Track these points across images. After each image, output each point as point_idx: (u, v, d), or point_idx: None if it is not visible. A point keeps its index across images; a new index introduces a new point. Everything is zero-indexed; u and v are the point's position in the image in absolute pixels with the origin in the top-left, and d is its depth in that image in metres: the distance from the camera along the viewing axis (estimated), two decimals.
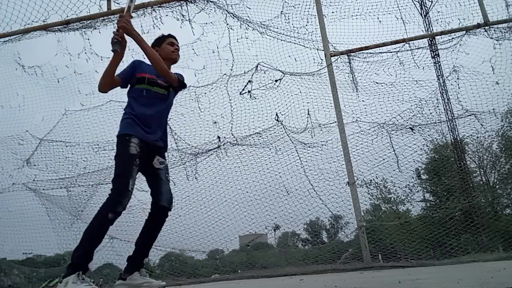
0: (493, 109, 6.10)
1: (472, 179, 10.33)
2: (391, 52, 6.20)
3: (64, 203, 6.27)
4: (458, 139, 9.23)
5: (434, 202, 11.14)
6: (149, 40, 3.24)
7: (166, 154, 2.95)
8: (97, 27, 5.68)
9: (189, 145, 6.16)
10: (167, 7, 5.65)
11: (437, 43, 6.97)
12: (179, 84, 2.93)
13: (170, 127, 6.16)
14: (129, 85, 2.91)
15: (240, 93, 6.07)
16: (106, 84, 2.76)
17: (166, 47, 3.08)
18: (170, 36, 3.19)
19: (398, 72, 6.21)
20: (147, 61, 2.90)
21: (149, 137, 2.72)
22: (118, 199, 2.48)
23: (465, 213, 8.14)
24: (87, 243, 2.48)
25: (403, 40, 6.13)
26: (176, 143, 6.14)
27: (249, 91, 6.06)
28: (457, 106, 6.47)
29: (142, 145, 2.65)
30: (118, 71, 2.84)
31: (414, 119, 6.25)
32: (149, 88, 2.83)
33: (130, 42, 2.80)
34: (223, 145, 6.09)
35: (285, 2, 6.13)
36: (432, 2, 8.01)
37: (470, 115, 6.27)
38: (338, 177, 5.73)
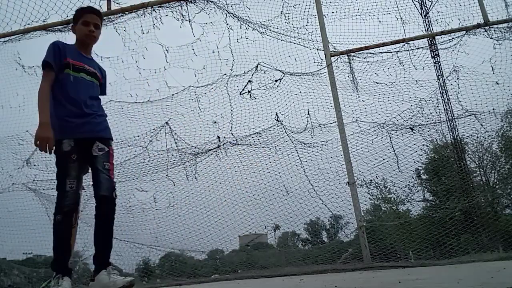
0: (493, 109, 6.10)
1: (472, 179, 10.33)
2: (391, 52, 6.20)
3: None
4: (458, 139, 9.24)
5: (434, 202, 11.14)
6: (149, 40, 3.22)
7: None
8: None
9: (189, 145, 6.16)
10: (167, 7, 5.65)
11: (437, 43, 6.97)
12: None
13: (170, 127, 6.16)
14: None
15: (240, 93, 6.07)
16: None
17: (80, 28, 2.72)
18: (87, 11, 2.74)
19: (398, 72, 6.22)
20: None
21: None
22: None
23: (465, 213, 8.14)
24: (54, 247, 2.53)
25: (403, 40, 6.13)
26: (176, 143, 6.14)
27: (249, 91, 6.06)
28: (457, 106, 6.47)
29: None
30: None
31: (414, 119, 6.25)
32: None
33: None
34: (223, 145, 6.08)
35: (285, 2, 6.13)
36: (432, 2, 8.01)
37: (470, 115, 6.27)
38: (338, 177, 5.73)
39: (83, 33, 2.71)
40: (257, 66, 6.05)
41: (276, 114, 6.06)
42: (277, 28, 6.16)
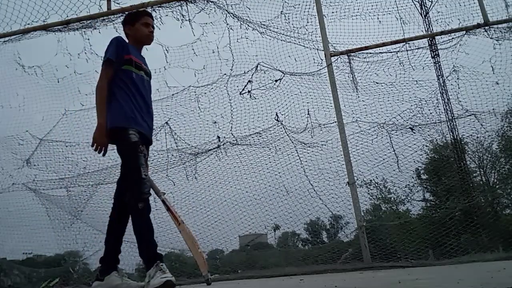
0: (493, 109, 6.09)
1: (472, 179, 10.33)
2: (391, 52, 6.20)
3: (64, 203, 6.27)
4: (458, 139, 9.23)
5: (434, 202, 11.14)
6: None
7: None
8: (97, 27, 5.68)
9: (189, 145, 6.16)
10: (167, 7, 5.65)
11: (437, 43, 6.97)
12: None
13: (170, 127, 6.16)
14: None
15: (240, 93, 6.07)
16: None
17: (140, 28, 2.77)
18: (145, 13, 2.85)
19: (398, 72, 6.21)
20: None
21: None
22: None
23: (465, 213, 8.15)
24: (143, 238, 2.44)
25: (403, 40, 6.12)
26: (176, 143, 6.15)
27: (249, 91, 6.06)
28: (457, 106, 6.47)
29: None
30: None
31: (414, 119, 6.25)
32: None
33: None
34: (223, 145, 6.08)
35: (285, 2, 6.13)
36: (432, 2, 8.01)
37: (470, 115, 6.27)
38: (338, 177, 5.73)
39: (144, 33, 2.76)
40: (257, 66, 6.05)
41: (276, 114, 6.06)
42: (277, 28, 6.16)
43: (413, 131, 6.17)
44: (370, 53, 6.17)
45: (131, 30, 2.80)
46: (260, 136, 6.11)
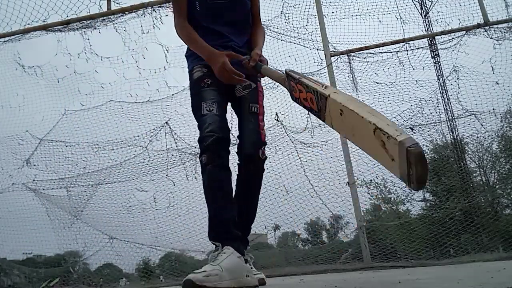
0: (493, 109, 6.10)
1: (472, 179, 10.33)
2: (391, 52, 6.21)
3: (64, 203, 6.28)
4: (458, 139, 9.24)
5: (434, 202, 11.15)
6: (149, 40, 3.21)
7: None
8: (97, 27, 5.69)
9: (189, 145, 6.16)
10: (167, 7, 5.65)
11: (437, 43, 6.99)
12: None
13: (170, 127, 6.17)
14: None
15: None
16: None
17: None
18: None
19: (398, 72, 6.23)
20: None
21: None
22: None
23: (465, 213, 8.15)
24: (207, 201, 1.93)
25: (403, 40, 6.13)
26: (176, 143, 6.15)
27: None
28: (457, 106, 6.49)
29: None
30: None
31: (414, 119, 6.25)
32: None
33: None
34: None
35: (285, 2, 6.14)
36: (432, 2, 8.01)
37: (470, 115, 6.27)
38: (338, 177, 5.73)
39: None
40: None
41: (276, 114, 6.06)
42: (277, 28, 6.16)
43: (413, 131, 6.18)
44: (370, 53, 6.18)
45: None
46: None
